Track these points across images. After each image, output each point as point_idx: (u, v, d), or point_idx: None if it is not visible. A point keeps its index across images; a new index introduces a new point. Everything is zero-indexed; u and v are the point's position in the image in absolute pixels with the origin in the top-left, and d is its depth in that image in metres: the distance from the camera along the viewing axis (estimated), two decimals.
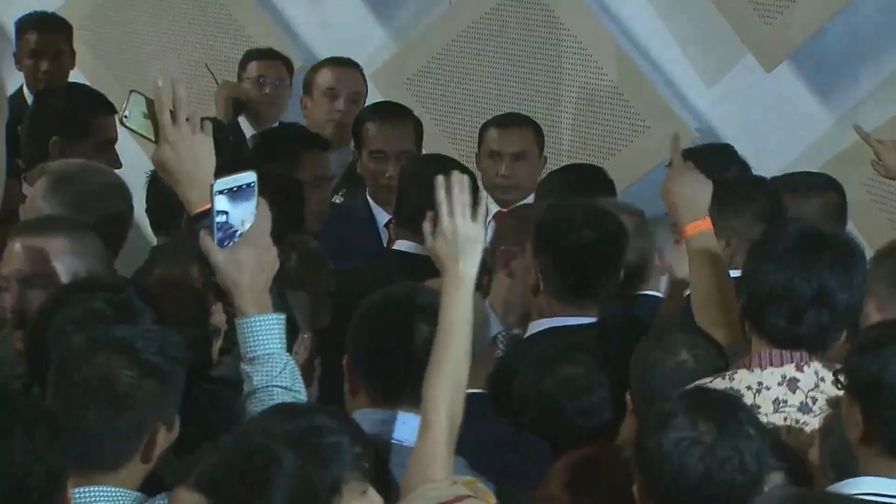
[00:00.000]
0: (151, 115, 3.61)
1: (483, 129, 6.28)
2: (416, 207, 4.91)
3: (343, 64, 6.76)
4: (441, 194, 3.61)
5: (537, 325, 4.59)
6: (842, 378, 3.39)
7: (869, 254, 5.65)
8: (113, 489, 3.25)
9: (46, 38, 7.19)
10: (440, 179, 3.64)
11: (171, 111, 3.60)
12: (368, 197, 6.05)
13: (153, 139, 3.59)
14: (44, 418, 2.90)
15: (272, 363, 3.53)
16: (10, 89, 6.94)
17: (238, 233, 3.53)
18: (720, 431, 3.15)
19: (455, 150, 6.86)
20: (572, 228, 4.55)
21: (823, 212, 5.35)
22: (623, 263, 4.61)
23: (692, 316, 4.23)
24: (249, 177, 3.54)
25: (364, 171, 6.09)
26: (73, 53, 7.20)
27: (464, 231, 3.59)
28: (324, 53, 7.20)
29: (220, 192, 3.50)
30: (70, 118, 5.59)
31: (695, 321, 4.19)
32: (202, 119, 3.93)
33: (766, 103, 6.75)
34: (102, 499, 3.24)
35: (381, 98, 6.85)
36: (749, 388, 3.70)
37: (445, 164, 5.40)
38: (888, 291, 4.22)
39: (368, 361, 3.81)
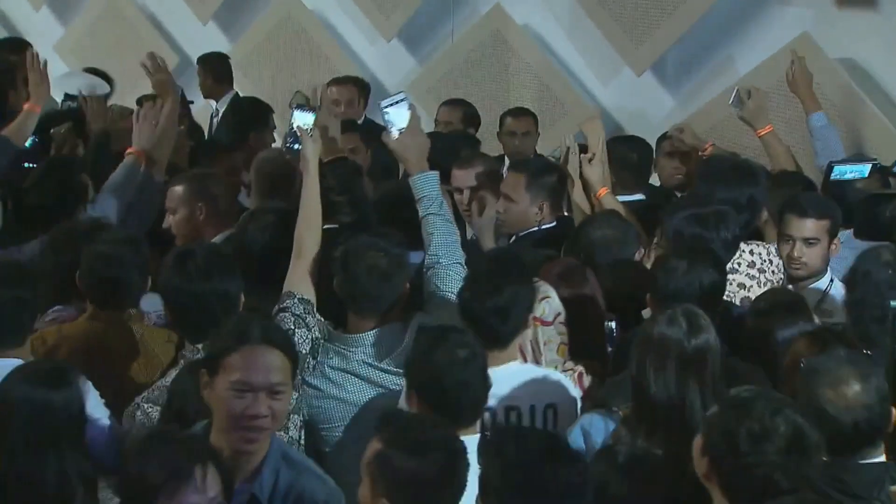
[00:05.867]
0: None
1: (503, 117, 7.45)
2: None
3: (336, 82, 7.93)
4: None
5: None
6: None
7: None
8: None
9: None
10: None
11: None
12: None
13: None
14: None
15: (429, 200, 4.40)
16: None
17: (400, 128, 4.45)
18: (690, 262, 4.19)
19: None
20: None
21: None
22: None
23: None
24: (400, 95, 4.53)
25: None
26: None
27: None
28: (379, 72, 9.41)
29: (386, 106, 4.46)
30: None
31: None
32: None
33: (638, 94, 8.40)
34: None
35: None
36: None
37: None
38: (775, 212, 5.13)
39: None
